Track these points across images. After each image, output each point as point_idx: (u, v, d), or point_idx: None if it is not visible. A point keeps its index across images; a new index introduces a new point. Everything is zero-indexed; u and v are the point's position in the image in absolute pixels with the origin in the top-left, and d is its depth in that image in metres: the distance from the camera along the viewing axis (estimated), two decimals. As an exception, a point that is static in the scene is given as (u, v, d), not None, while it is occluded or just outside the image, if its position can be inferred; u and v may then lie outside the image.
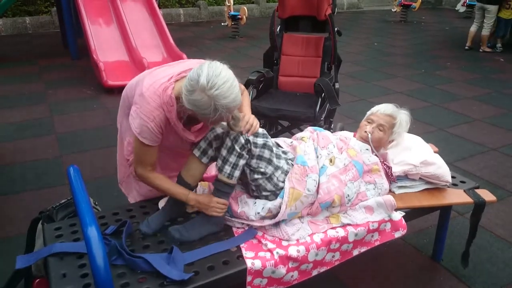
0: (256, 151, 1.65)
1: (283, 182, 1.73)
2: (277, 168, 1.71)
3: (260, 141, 1.66)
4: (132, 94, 1.75)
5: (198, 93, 1.46)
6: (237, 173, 1.66)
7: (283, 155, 1.78)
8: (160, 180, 1.73)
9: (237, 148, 1.62)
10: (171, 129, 1.69)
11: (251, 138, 1.64)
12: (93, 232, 1.23)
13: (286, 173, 1.74)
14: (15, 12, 8.40)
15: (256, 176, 1.70)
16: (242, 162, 1.65)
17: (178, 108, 1.62)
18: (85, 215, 1.29)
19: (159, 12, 6.06)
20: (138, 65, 5.26)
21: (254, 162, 1.67)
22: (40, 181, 3.04)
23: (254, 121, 1.66)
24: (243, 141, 1.62)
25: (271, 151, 1.69)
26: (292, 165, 1.79)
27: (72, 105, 4.57)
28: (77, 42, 6.29)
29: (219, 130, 1.74)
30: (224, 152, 1.65)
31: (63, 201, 2.03)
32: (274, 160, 1.71)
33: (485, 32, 6.91)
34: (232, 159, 1.63)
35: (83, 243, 1.52)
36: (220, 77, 1.46)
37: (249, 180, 1.73)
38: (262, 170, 1.68)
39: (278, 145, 1.95)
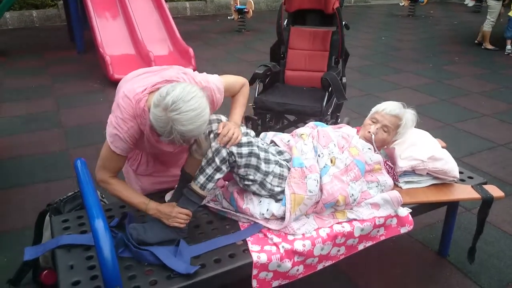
0: (242, 161, 1.60)
1: (278, 186, 1.71)
2: (266, 173, 1.67)
3: (245, 150, 1.59)
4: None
5: (160, 109, 1.40)
6: (210, 185, 1.61)
7: (273, 158, 1.71)
8: (120, 187, 1.68)
9: (217, 160, 1.57)
10: (147, 140, 1.65)
11: (234, 149, 1.57)
12: (100, 224, 1.24)
13: (279, 176, 1.71)
14: (22, 5, 8.42)
15: (247, 183, 1.68)
16: (218, 175, 1.60)
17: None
18: (92, 208, 1.30)
19: (166, 5, 6.04)
20: (144, 58, 5.27)
21: (242, 171, 1.63)
22: (48, 174, 3.06)
23: (234, 132, 1.59)
24: (224, 154, 1.57)
25: (258, 158, 1.63)
26: (288, 167, 1.75)
27: (79, 98, 4.58)
28: (84, 36, 6.30)
29: (214, 126, 1.66)
30: (203, 161, 1.61)
31: (70, 193, 2.04)
32: (262, 166, 1.65)
33: (486, 28, 6.71)
34: (209, 170, 1.59)
35: (90, 235, 1.52)
36: (187, 104, 1.40)
37: (242, 187, 1.72)
38: (251, 177, 1.65)
39: (275, 144, 1.94)
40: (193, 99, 1.42)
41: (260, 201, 1.74)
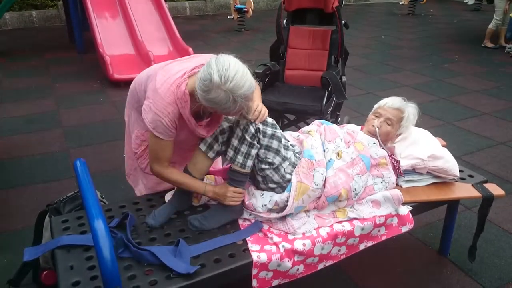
0: (265, 140, 1.66)
1: (290, 174, 1.73)
2: (284, 159, 1.72)
3: (269, 130, 1.67)
4: (142, 88, 1.75)
5: (214, 90, 1.46)
6: (249, 163, 1.67)
7: (291, 146, 1.78)
8: (177, 175, 1.74)
9: (247, 137, 1.63)
10: (184, 125, 1.68)
11: (260, 126, 1.65)
12: (99, 225, 1.24)
13: (293, 165, 1.74)
14: (22, 5, 8.42)
15: (263, 166, 1.70)
16: (253, 151, 1.66)
17: (191, 104, 1.62)
18: (91, 208, 1.30)
19: (165, 5, 6.04)
20: (144, 58, 5.27)
21: (262, 152, 1.68)
22: (47, 174, 3.06)
23: (262, 109, 1.67)
24: (253, 130, 1.63)
25: (280, 141, 1.70)
26: (299, 158, 1.78)
27: (79, 98, 4.58)
28: (84, 36, 6.30)
29: (225, 124, 1.74)
30: (235, 142, 1.66)
31: (70, 194, 2.04)
32: (282, 150, 1.71)
33: (491, 25, 6.62)
34: (244, 148, 1.64)
35: (90, 236, 1.52)
36: (230, 70, 1.46)
37: (256, 170, 1.74)
38: (269, 160, 1.69)
39: (284, 138, 1.95)
40: (231, 63, 1.48)
41: (263, 194, 1.76)
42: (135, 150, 1.96)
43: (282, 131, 1.83)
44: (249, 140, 1.63)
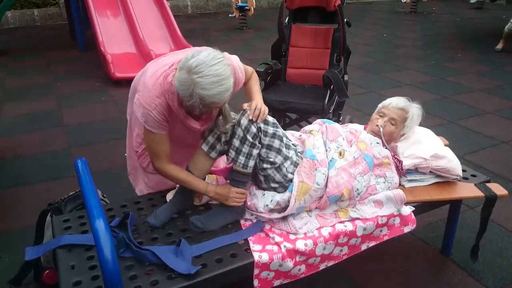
0: (266, 140, 1.65)
1: (292, 173, 1.72)
2: (286, 158, 1.71)
3: (270, 130, 1.66)
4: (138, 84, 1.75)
5: (184, 72, 1.44)
6: (251, 163, 1.66)
7: (292, 146, 1.78)
8: (179, 172, 1.73)
9: (249, 138, 1.62)
10: (176, 118, 1.67)
11: (262, 126, 1.64)
12: (101, 224, 1.23)
13: (295, 164, 1.73)
14: (23, 4, 8.42)
15: (265, 165, 1.70)
16: (255, 151, 1.65)
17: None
18: (93, 208, 1.29)
19: (167, 3, 6.03)
20: (145, 57, 5.25)
21: (263, 151, 1.67)
22: (49, 173, 3.06)
23: (262, 107, 1.66)
24: (254, 130, 1.62)
25: (281, 141, 1.69)
26: (301, 158, 1.77)
27: (80, 97, 4.58)
28: (85, 34, 6.30)
29: (228, 124, 1.73)
30: (236, 142, 1.65)
31: (71, 193, 2.04)
32: (284, 150, 1.70)
33: (506, 28, 6.28)
34: (245, 149, 1.64)
35: (91, 235, 1.52)
36: (210, 68, 1.43)
37: (258, 169, 1.73)
38: (271, 159, 1.68)
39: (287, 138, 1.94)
40: (217, 65, 1.44)
41: (264, 194, 1.75)
42: (136, 148, 1.96)
43: (284, 130, 1.82)
44: (251, 140, 1.62)
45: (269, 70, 3.14)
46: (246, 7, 7.79)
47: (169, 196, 1.88)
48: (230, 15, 8.82)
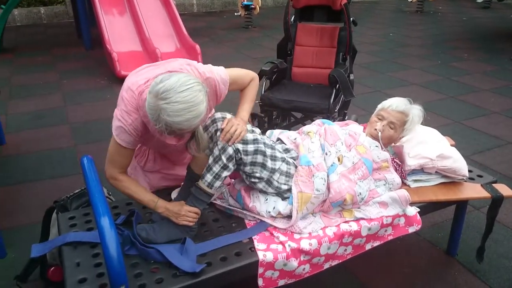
0: (248, 158, 1.59)
1: (285, 184, 1.70)
2: (273, 171, 1.66)
3: (250, 148, 1.59)
4: None
5: (152, 96, 1.39)
6: (217, 183, 1.60)
7: (279, 155, 1.70)
8: (130, 184, 1.68)
9: (223, 158, 1.57)
10: (151, 133, 1.64)
11: (240, 146, 1.57)
12: (106, 222, 1.24)
13: (286, 174, 1.70)
14: (30, 2, 8.46)
15: (253, 180, 1.67)
16: (225, 173, 1.59)
17: None
18: (98, 205, 1.30)
19: (172, 2, 6.03)
20: (151, 55, 5.27)
21: (248, 168, 1.63)
22: (55, 170, 3.08)
23: (237, 128, 1.58)
24: (231, 152, 1.57)
25: (264, 155, 1.62)
26: (295, 165, 1.74)
27: (86, 95, 4.60)
28: (91, 32, 6.32)
29: (220, 124, 1.65)
30: (210, 159, 1.60)
31: (77, 191, 2.04)
32: (269, 163, 1.64)
33: None
34: (216, 168, 1.58)
35: (97, 233, 1.53)
36: (178, 95, 1.37)
37: (248, 185, 1.71)
38: (257, 175, 1.64)
39: (281, 141, 1.92)
40: (186, 92, 1.38)
41: (267, 199, 1.73)
42: None
43: (288, 129, 1.80)
44: (225, 161, 1.57)
45: (274, 68, 3.13)
46: (252, 6, 7.78)
47: (174, 195, 1.89)
48: (235, 14, 8.82)
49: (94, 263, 1.52)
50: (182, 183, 1.82)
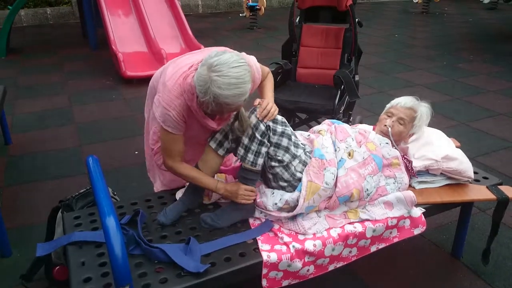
0: (274, 138, 1.65)
1: (301, 172, 1.72)
2: (294, 156, 1.70)
3: (279, 128, 1.66)
4: (157, 84, 1.76)
5: (204, 68, 1.46)
6: (260, 161, 1.66)
7: (301, 144, 1.77)
8: (190, 170, 1.74)
9: (258, 135, 1.62)
10: (194, 117, 1.69)
11: (271, 124, 1.64)
12: (111, 221, 1.24)
13: (304, 163, 1.73)
14: (36, 2, 8.52)
15: (273, 163, 1.69)
16: (264, 149, 1.65)
17: None
18: (103, 205, 1.30)
19: (178, 3, 6.06)
20: (156, 56, 5.28)
21: (272, 149, 1.67)
22: (61, 170, 3.09)
23: (272, 107, 1.66)
24: (263, 128, 1.62)
25: (289, 139, 1.68)
26: (310, 157, 1.77)
27: (92, 95, 4.62)
28: (97, 33, 6.35)
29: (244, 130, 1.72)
30: (245, 140, 1.65)
31: (82, 190, 2.05)
32: (292, 148, 1.69)
33: None
34: (254, 147, 1.63)
35: (102, 232, 1.53)
36: (229, 70, 1.44)
37: (266, 167, 1.73)
38: (279, 158, 1.68)
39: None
40: (238, 68, 1.46)
41: (273, 193, 1.74)
42: (152, 146, 1.97)
43: (293, 130, 1.82)
44: (259, 138, 1.62)
45: (279, 69, 3.14)
46: (257, 7, 7.78)
47: (179, 195, 1.89)
48: (240, 15, 8.83)
49: (99, 262, 1.53)
50: (187, 183, 1.83)
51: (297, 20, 3.36)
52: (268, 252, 1.57)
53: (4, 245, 2.21)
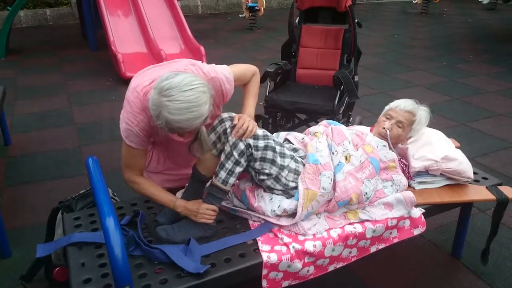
0: (258, 154, 1.61)
1: (293, 181, 1.70)
2: (282, 167, 1.67)
3: (261, 143, 1.61)
4: None
5: (156, 92, 1.41)
6: (232, 180, 1.62)
7: (288, 153, 1.72)
8: (148, 185, 1.71)
9: (235, 154, 1.58)
10: (158, 131, 1.65)
11: (251, 142, 1.59)
12: (111, 222, 1.24)
13: (295, 172, 1.70)
14: (36, 3, 8.52)
15: (262, 177, 1.68)
16: (238, 169, 1.61)
17: None
18: (103, 206, 1.30)
19: (177, 3, 6.06)
20: (156, 56, 5.28)
21: (257, 164, 1.64)
22: (60, 171, 3.09)
23: (249, 125, 1.60)
24: (242, 147, 1.58)
25: (274, 151, 1.64)
26: (303, 163, 1.75)
27: (91, 96, 4.62)
28: (96, 34, 6.35)
29: (227, 124, 1.68)
30: (222, 157, 1.62)
31: (82, 191, 2.05)
32: (278, 160, 1.66)
33: None
34: (229, 165, 1.60)
35: (102, 233, 1.53)
36: (180, 94, 1.38)
37: (256, 181, 1.72)
38: (266, 171, 1.65)
39: (289, 141, 1.92)
40: (190, 92, 1.40)
41: (272, 198, 1.73)
42: None
43: (292, 131, 1.81)
44: (236, 157, 1.59)
45: (279, 70, 3.14)
46: (256, 7, 7.79)
47: (179, 195, 1.89)
48: (240, 15, 8.83)
49: (99, 263, 1.53)
50: (187, 184, 1.83)
51: (296, 21, 3.36)
52: (268, 253, 1.57)
53: (3, 246, 2.21)
